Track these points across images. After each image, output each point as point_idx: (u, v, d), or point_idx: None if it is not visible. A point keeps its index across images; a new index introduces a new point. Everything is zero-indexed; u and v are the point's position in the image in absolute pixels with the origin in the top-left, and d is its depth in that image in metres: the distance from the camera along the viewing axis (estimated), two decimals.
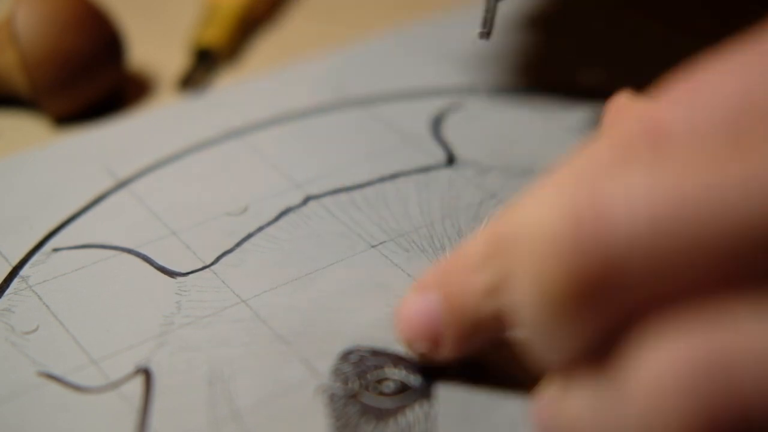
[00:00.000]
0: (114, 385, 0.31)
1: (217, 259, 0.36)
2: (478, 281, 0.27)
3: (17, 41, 0.42)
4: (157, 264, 0.36)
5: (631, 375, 0.23)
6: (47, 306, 0.34)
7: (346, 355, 0.32)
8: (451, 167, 0.40)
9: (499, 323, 0.27)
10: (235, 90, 0.45)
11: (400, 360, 0.31)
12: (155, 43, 0.48)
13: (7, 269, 0.35)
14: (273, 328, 0.33)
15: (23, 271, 0.35)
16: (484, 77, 0.45)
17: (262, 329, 0.33)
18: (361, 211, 0.38)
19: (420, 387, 0.31)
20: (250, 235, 0.37)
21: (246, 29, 0.50)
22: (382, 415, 0.30)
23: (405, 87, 0.45)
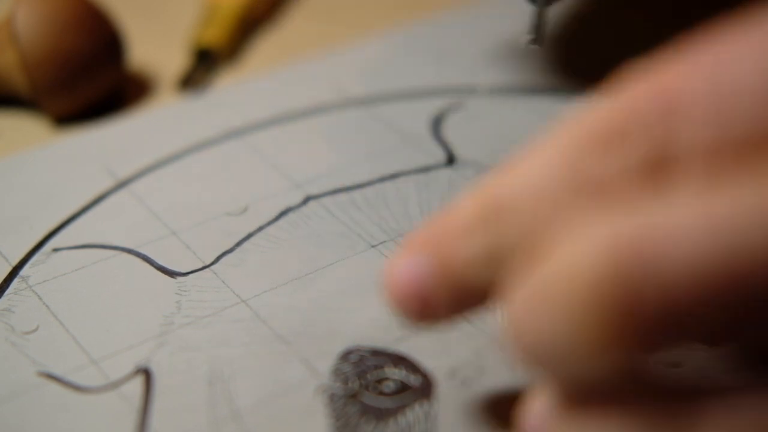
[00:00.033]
0: (114, 385, 0.31)
1: (217, 259, 0.36)
2: (471, 245, 0.25)
3: (17, 41, 0.42)
4: (157, 264, 0.36)
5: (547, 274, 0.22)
6: (47, 306, 0.34)
7: (346, 355, 0.32)
8: (451, 167, 0.40)
9: (492, 289, 0.26)
10: (235, 90, 0.45)
11: (400, 360, 0.31)
12: (155, 43, 0.48)
13: (7, 269, 0.35)
14: (273, 328, 0.33)
15: (23, 271, 0.35)
16: (484, 77, 0.45)
17: (262, 329, 0.33)
18: (361, 211, 0.38)
19: (420, 387, 0.31)
20: (250, 235, 0.37)
21: (246, 29, 0.50)
22: (382, 415, 0.30)
23: (405, 87, 0.45)
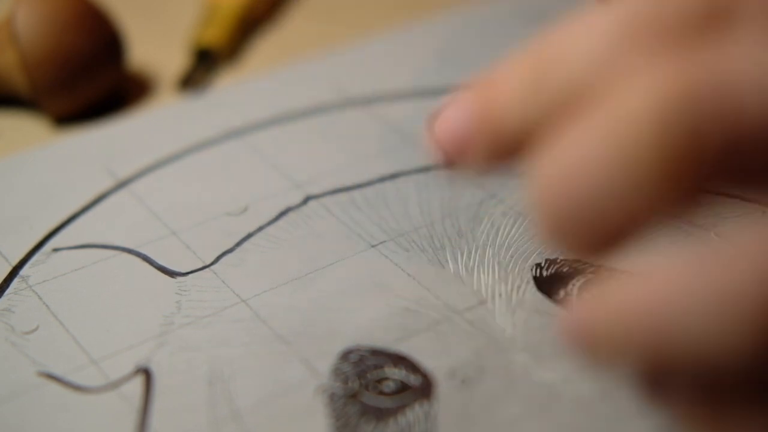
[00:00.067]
0: (114, 385, 0.31)
1: (217, 259, 0.36)
2: (519, 103, 0.25)
3: (17, 41, 0.42)
4: (157, 264, 0.36)
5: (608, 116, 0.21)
6: (47, 306, 0.34)
7: (346, 355, 0.32)
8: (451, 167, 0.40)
9: (531, 142, 0.25)
10: (235, 90, 0.45)
11: (400, 360, 0.31)
12: (155, 43, 0.48)
13: (7, 269, 0.35)
14: (273, 328, 0.33)
15: (23, 271, 0.35)
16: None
17: (262, 329, 0.33)
18: (361, 211, 0.38)
19: (420, 387, 0.31)
20: (250, 235, 0.37)
21: (246, 29, 0.50)
22: (382, 415, 0.30)
23: (405, 87, 0.45)
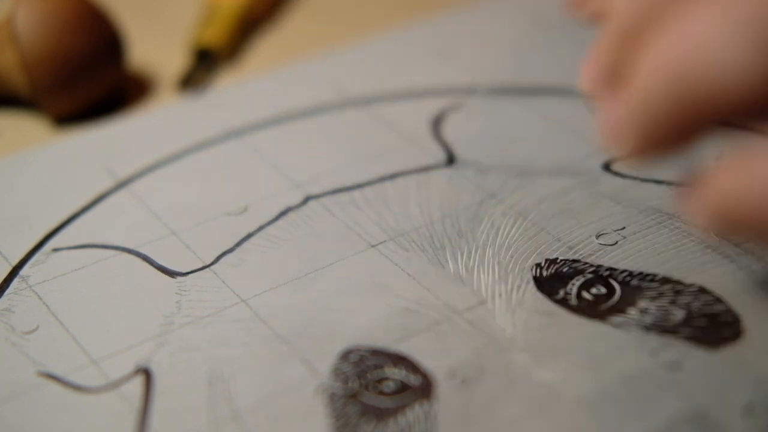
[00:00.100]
0: (114, 385, 0.31)
1: (217, 259, 0.36)
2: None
3: (17, 41, 0.42)
4: (157, 264, 0.36)
5: None
6: (47, 306, 0.34)
7: (346, 355, 0.32)
8: (451, 167, 0.40)
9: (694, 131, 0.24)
10: (235, 90, 0.45)
11: (400, 360, 0.31)
12: (155, 43, 0.48)
13: (7, 269, 0.35)
14: (273, 328, 0.33)
15: (23, 271, 0.35)
16: (484, 77, 0.45)
17: (262, 329, 0.33)
18: (361, 211, 0.38)
19: (420, 387, 0.31)
20: (250, 235, 0.37)
21: (246, 29, 0.50)
22: (382, 415, 0.30)
23: (405, 87, 0.45)
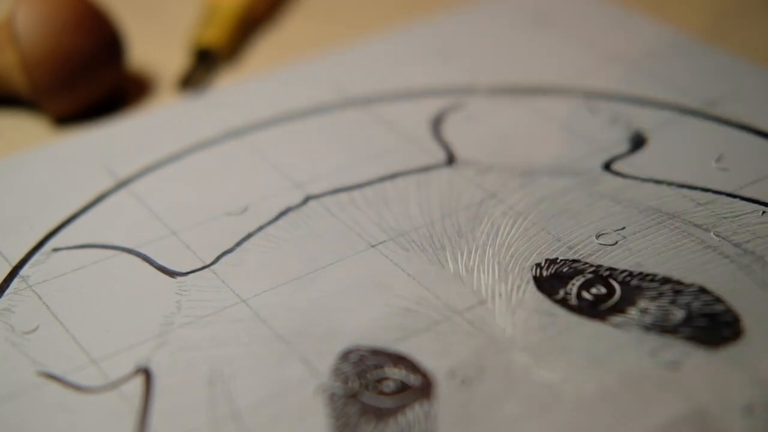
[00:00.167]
0: (114, 385, 0.31)
1: (217, 259, 0.36)
2: None
3: (17, 41, 0.42)
4: (157, 264, 0.36)
5: None
6: (47, 306, 0.34)
7: (346, 355, 0.32)
8: (451, 167, 0.40)
9: None
10: (235, 90, 0.45)
11: (400, 360, 0.31)
12: (155, 43, 0.48)
13: (7, 269, 0.35)
14: (273, 328, 0.33)
15: (23, 271, 0.35)
16: (484, 77, 0.45)
17: (262, 329, 0.33)
18: (361, 211, 0.38)
19: (420, 387, 0.31)
20: (250, 235, 0.37)
21: (246, 29, 0.50)
22: (382, 415, 0.30)
23: (405, 87, 0.45)
